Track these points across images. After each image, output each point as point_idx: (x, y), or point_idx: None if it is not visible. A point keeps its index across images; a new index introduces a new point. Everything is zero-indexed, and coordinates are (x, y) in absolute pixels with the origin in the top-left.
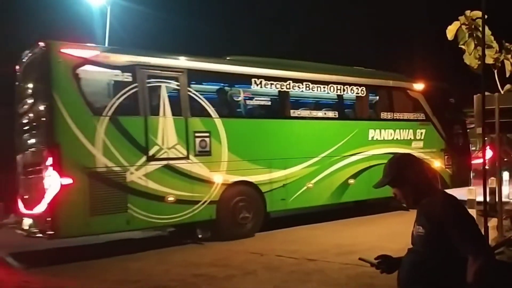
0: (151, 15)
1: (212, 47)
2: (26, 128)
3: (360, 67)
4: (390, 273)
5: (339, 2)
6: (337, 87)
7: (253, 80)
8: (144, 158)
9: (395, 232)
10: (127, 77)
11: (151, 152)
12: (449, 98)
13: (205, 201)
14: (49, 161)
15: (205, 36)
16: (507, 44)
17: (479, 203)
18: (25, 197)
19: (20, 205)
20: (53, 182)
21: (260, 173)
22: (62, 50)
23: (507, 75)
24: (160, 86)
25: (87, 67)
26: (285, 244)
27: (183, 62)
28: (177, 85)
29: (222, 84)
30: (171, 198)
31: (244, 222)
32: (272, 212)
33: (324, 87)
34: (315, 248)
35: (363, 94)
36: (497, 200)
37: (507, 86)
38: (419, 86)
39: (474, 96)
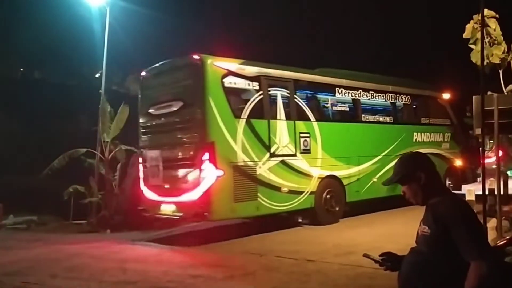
0: (150, 16)
1: (210, 48)
2: (168, 127)
3: (404, 78)
4: (394, 270)
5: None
6: (392, 95)
7: (336, 89)
8: (267, 155)
9: (395, 233)
10: (255, 85)
11: (272, 150)
12: (465, 105)
13: (307, 192)
14: (206, 156)
15: (202, 37)
16: None
17: (478, 196)
18: (165, 186)
19: (150, 194)
20: (209, 173)
21: (342, 168)
22: (214, 63)
23: None
24: (276, 93)
25: (230, 77)
26: (285, 244)
27: (291, 73)
28: (288, 93)
29: (316, 92)
30: (285, 189)
31: (332, 210)
32: (349, 202)
33: (383, 96)
34: (314, 248)
35: (409, 102)
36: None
37: (510, 86)
38: (446, 95)
39: (473, 97)
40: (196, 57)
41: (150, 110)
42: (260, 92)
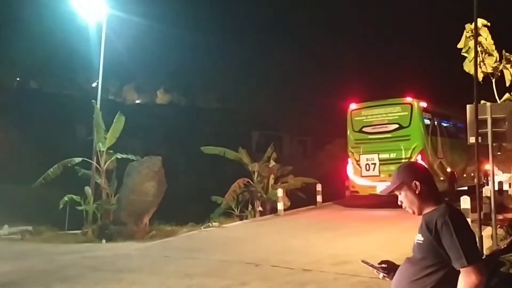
0: (148, 26)
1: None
2: (383, 139)
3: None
4: (391, 278)
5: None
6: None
7: (449, 116)
8: (436, 158)
9: (390, 242)
10: (429, 116)
11: (437, 154)
12: None
13: (445, 181)
14: (419, 157)
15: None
16: (507, 54)
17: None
18: (381, 176)
19: (363, 181)
20: None
21: (456, 167)
22: (419, 103)
23: (507, 84)
24: (435, 121)
25: (424, 111)
26: (280, 254)
27: (434, 108)
28: (436, 120)
29: (443, 119)
30: (442, 178)
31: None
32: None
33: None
34: (310, 258)
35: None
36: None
37: (507, 95)
38: None
39: (467, 106)
40: (410, 99)
41: (364, 129)
42: (432, 120)
